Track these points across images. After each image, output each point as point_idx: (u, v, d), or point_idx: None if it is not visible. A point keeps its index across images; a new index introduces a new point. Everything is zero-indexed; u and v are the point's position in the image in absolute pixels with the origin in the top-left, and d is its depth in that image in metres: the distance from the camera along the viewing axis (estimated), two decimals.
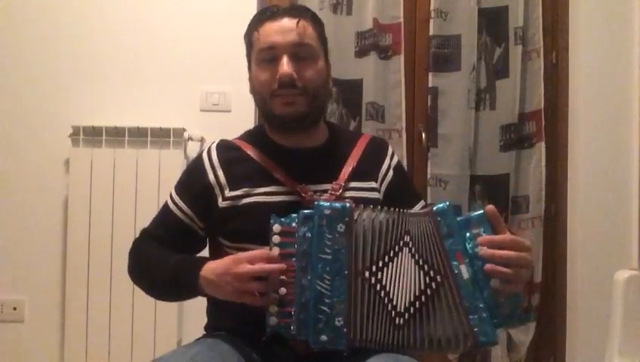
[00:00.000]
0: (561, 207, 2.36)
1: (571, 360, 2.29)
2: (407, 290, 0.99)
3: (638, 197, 2.26)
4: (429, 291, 0.98)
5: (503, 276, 0.96)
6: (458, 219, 0.99)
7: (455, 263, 0.97)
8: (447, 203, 1.01)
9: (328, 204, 1.01)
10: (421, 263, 0.99)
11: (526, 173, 2.36)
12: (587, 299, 2.23)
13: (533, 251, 1.35)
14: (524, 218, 2.34)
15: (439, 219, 0.99)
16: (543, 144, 2.33)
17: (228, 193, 1.15)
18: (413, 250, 1.00)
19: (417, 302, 0.98)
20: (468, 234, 0.98)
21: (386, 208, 1.02)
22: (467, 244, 0.98)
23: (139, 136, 2.18)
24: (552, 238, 2.36)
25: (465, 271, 0.97)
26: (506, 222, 2.32)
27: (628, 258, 2.24)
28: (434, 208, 1.00)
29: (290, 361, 1.08)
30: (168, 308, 2.10)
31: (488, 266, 0.96)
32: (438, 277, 0.98)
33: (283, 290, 1.00)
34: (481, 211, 0.99)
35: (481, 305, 0.96)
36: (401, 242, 1.01)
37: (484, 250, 0.97)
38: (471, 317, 0.96)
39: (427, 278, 0.99)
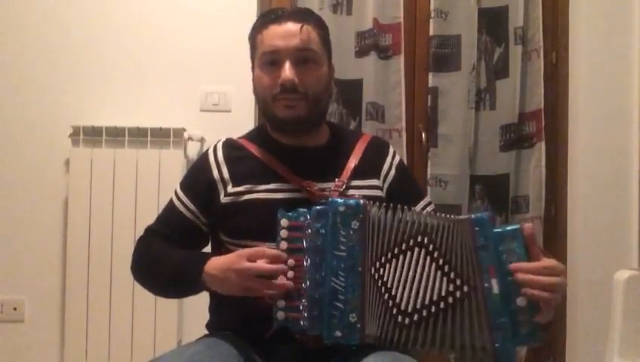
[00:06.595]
0: (561, 207, 2.36)
1: (571, 360, 2.29)
2: (420, 292, 0.99)
3: (638, 197, 2.26)
4: (450, 299, 0.98)
5: (543, 301, 0.93)
6: (494, 231, 0.97)
7: (486, 276, 0.96)
8: (487, 213, 0.99)
9: (342, 200, 1.01)
10: (446, 269, 0.99)
11: (526, 173, 2.36)
12: (587, 299, 2.23)
13: None
14: (524, 218, 2.34)
15: (477, 229, 0.97)
16: (543, 144, 2.33)
17: (230, 189, 1.16)
18: (435, 254, 0.99)
19: (434, 307, 0.98)
20: (500, 248, 0.96)
21: (399, 206, 1.02)
22: (499, 258, 0.96)
23: (139, 136, 2.18)
24: (552, 238, 2.36)
25: (495, 286, 0.95)
26: (506, 222, 2.33)
27: (628, 258, 2.24)
28: (472, 217, 0.98)
29: (290, 358, 1.08)
30: (168, 307, 2.10)
31: (528, 291, 0.93)
32: (465, 288, 0.97)
33: (291, 285, 1.00)
34: (517, 226, 0.97)
35: (505, 321, 0.95)
36: (411, 241, 1.00)
37: (522, 276, 0.94)
38: (494, 332, 0.95)
39: (451, 286, 0.98)
